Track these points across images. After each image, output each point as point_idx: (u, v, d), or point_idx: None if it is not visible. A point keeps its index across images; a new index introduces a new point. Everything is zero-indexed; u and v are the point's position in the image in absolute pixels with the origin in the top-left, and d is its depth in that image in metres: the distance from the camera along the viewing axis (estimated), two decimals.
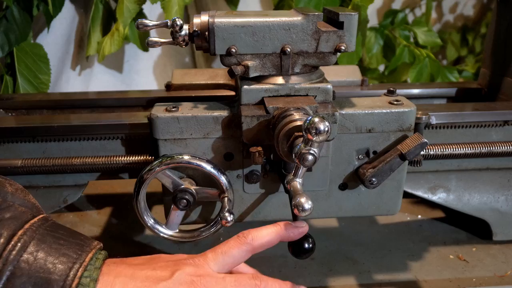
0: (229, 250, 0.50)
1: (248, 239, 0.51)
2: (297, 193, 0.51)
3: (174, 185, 0.64)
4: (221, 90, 0.89)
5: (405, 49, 1.43)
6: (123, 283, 0.44)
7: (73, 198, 0.76)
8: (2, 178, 0.50)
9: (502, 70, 0.89)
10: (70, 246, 0.43)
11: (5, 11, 1.13)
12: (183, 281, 0.45)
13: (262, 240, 0.52)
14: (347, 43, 0.61)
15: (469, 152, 0.74)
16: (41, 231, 0.43)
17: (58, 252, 0.42)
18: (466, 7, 1.68)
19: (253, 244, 0.51)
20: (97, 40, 1.27)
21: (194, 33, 0.61)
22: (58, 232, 0.44)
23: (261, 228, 0.53)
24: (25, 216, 0.44)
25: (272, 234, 0.52)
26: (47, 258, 0.41)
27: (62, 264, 0.41)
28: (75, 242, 0.44)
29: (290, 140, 0.56)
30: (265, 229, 0.52)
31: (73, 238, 0.45)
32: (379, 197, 0.70)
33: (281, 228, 0.53)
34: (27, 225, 0.43)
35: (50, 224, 0.45)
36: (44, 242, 0.42)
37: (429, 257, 0.80)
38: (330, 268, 0.77)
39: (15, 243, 0.41)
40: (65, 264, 0.42)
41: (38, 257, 0.41)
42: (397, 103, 0.66)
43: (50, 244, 0.42)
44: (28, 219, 0.44)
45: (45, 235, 0.43)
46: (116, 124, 0.71)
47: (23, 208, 0.45)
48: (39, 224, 0.44)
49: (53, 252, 0.42)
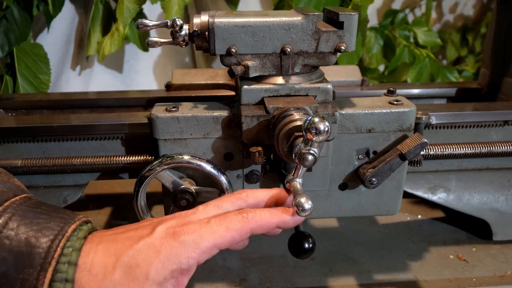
0: (222, 203, 0.49)
1: (243, 195, 0.50)
2: (297, 193, 0.51)
3: (174, 185, 0.64)
4: (221, 90, 0.89)
5: (405, 49, 1.43)
6: (105, 248, 0.43)
7: (73, 198, 0.76)
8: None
9: (502, 70, 0.89)
10: (52, 219, 0.43)
11: (5, 11, 1.13)
12: (164, 234, 0.44)
13: (258, 199, 0.51)
14: (347, 43, 0.61)
15: (469, 152, 0.74)
16: (23, 208, 0.43)
17: (40, 226, 0.41)
18: (466, 7, 1.68)
19: (247, 200, 0.50)
20: (97, 40, 1.27)
21: (194, 33, 0.61)
22: (40, 208, 0.44)
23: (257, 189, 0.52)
24: (6, 195, 0.43)
25: (266, 195, 0.51)
26: (28, 233, 0.41)
27: (44, 237, 0.41)
28: (58, 216, 0.43)
29: (290, 140, 0.56)
30: (261, 190, 0.52)
31: (56, 213, 0.44)
32: (379, 197, 0.70)
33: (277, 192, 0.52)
34: (7, 203, 0.42)
35: (33, 202, 0.44)
36: (26, 218, 0.42)
37: (429, 257, 0.80)
38: (330, 268, 0.77)
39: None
40: (47, 237, 0.41)
41: (19, 232, 0.40)
42: (397, 103, 0.66)
43: (31, 219, 0.42)
44: (9, 197, 0.43)
45: (26, 211, 0.42)
46: (116, 124, 0.71)
47: (4, 188, 0.45)
48: (21, 202, 0.43)
49: (35, 227, 0.41)
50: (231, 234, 0.45)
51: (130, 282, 0.42)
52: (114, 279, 0.41)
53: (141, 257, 0.42)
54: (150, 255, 0.43)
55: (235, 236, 0.46)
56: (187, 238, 0.44)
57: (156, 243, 0.43)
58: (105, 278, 0.41)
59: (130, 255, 0.42)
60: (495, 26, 0.92)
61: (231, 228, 0.45)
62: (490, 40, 0.93)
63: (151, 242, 0.43)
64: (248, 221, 0.46)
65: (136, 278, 0.42)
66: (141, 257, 0.42)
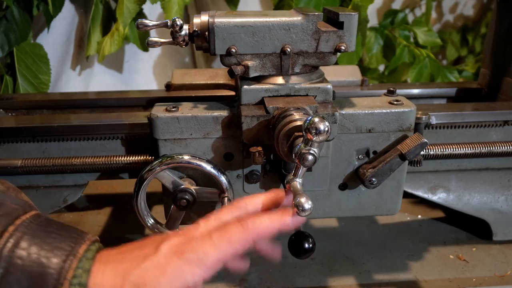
0: (222, 216, 0.49)
1: (242, 204, 0.50)
2: (297, 193, 0.51)
3: (174, 185, 0.64)
4: (221, 90, 0.89)
5: (405, 49, 1.43)
6: (113, 268, 0.43)
7: (73, 198, 0.76)
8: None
9: (502, 70, 0.89)
10: (63, 239, 0.43)
11: (5, 11, 1.13)
12: (169, 252, 0.44)
13: (256, 205, 0.51)
14: (347, 43, 0.61)
15: (469, 152, 0.74)
16: (33, 227, 0.43)
17: (51, 246, 0.42)
18: (466, 7, 1.68)
19: (247, 208, 0.50)
20: (97, 40, 1.27)
21: (194, 33, 0.61)
22: (50, 227, 0.44)
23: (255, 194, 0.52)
24: (16, 213, 0.44)
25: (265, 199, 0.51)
26: (40, 253, 0.41)
27: (56, 257, 0.41)
28: (68, 235, 0.44)
29: (290, 140, 0.56)
30: (259, 195, 0.52)
31: (66, 232, 0.44)
32: (379, 197, 0.70)
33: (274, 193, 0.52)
34: (18, 221, 0.43)
35: (42, 220, 0.45)
36: (37, 237, 0.42)
37: (429, 257, 0.80)
38: (330, 268, 0.77)
39: (7, 239, 0.41)
40: (59, 257, 0.41)
41: (31, 252, 0.41)
42: (397, 103, 0.66)
43: (42, 239, 0.42)
44: (19, 215, 0.43)
45: (37, 230, 0.43)
46: (116, 124, 0.71)
47: (14, 205, 0.45)
48: (31, 220, 0.44)
49: (46, 246, 0.42)
50: (234, 246, 0.45)
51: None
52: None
53: (147, 276, 0.43)
54: (156, 274, 0.43)
55: (237, 248, 0.46)
56: (191, 256, 0.44)
57: (161, 261, 0.44)
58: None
59: (136, 274, 0.43)
60: (495, 26, 0.92)
61: (233, 240, 0.45)
62: (490, 40, 0.93)
63: (156, 261, 0.44)
64: (249, 231, 0.46)
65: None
66: (147, 276, 0.43)
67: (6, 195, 0.47)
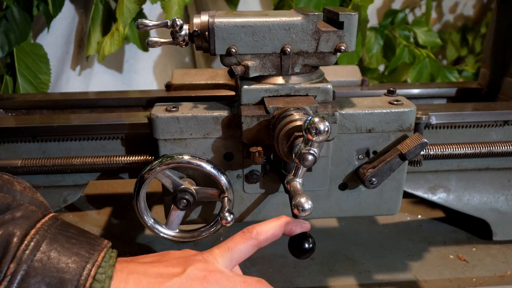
0: (235, 246, 0.51)
1: (253, 234, 0.52)
2: (297, 193, 0.51)
3: (174, 185, 0.64)
4: (221, 90, 0.89)
5: (405, 49, 1.43)
6: (137, 279, 0.44)
7: (73, 198, 0.76)
8: (10, 176, 0.49)
9: (502, 70, 0.89)
10: (81, 245, 0.44)
11: (5, 11, 1.13)
12: (195, 277, 0.46)
13: (267, 234, 0.52)
14: (347, 43, 0.61)
15: (469, 152, 0.74)
16: (53, 230, 0.43)
17: (70, 251, 0.42)
18: (466, 7, 1.68)
19: (258, 238, 0.52)
20: (97, 40, 1.27)
21: (194, 33, 0.61)
22: (68, 231, 0.45)
23: (265, 222, 0.53)
24: (36, 215, 0.44)
25: (275, 228, 0.53)
26: (60, 258, 0.41)
27: (75, 263, 0.42)
28: (86, 241, 0.44)
29: (290, 140, 0.56)
30: (269, 223, 0.53)
31: (84, 237, 0.45)
32: (379, 197, 0.70)
33: (284, 221, 0.53)
34: (38, 224, 0.43)
35: (60, 223, 0.45)
36: (56, 242, 0.42)
37: (429, 257, 0.80)
38: (330, 268, 0.77)
39: (28, 242, 0.41)
40: (78, 264, 0.42)
41: (51, 257, 0.41)
42: (397, 103, 0.66)
43: (62, 244, 0.43)
44: (39, 218, 0.44)
45: (56, 234, 0.43)
46: (116, 124, 0.71)
47: (33, 207, 0.45)
48: (50, 223, 0.44)
49: (66, 252, 0.42)
50: None
51: None
52: None
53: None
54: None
55: None
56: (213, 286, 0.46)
57: (186, 285, 0.45)
58: None
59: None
60: (495, 26, 0.92)
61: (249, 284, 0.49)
62: (490, 40, 0.93)
63: (181, 283, 0.45)
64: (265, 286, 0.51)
65: None
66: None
67: (23, 195, 0.47)
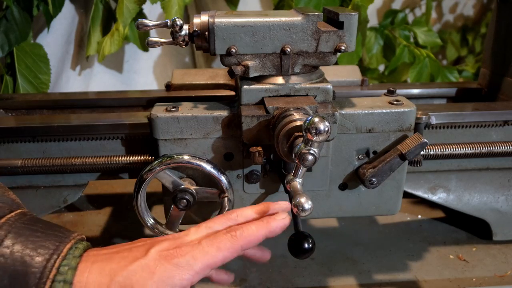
0: (213, 225, 0.50)
1: (233, 216, 0.51)
2: (297, 193, 0.51)
3: (174, 185, 0.64)
4: (221, 90, 0.89)
5: (405, 49, 1.43)
6: (100, 267, 0.43)
7: (73, 198, 0.76)
8: None
9: (502, 70, 0.89)
10: (48, 238, 0.43)
11: (5, 11, 1.13)
12: (158, 256, 0.45)
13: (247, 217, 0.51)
14: (347, 43, 0.61)
15: (469, 152, 0.74)
16: (18, 225, 0.43)
17: (35, 244, 0.42)
18: (466, 7, 1.68)
19: (237, 220, 0.51)
20: (97, 40, 1.27)
21: (194, 33, 0.61)
22: (36, 225, 0.44)
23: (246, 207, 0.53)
24: (2, 211, 0.43)
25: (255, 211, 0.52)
26: (24, 251, 0.41)
27: (40, 256, 0.41)
28: (53, 234, 0.44)
29: (290, 140, 0.56)
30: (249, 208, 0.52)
31: (52, 231, 0.44)
32: (379, 197, 0.70)
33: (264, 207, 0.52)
34: (3, 219, 0.42)
35: (28, 218, 0.45)
36: (21, 236, 0.42)
37: (429, 257, 0.80)
38: (330, 268, 0.77)
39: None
40: (43, 256, 0.41)
41: (14, 251, 0.41)
42: (397, 103, 0.66)
43: (27, 237, 0.42)
44: (4, 214, 0.43)
45: (22, 228, 0.43)
46: (116, 124, 0.71)
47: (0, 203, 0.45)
48: (16, 218, 0.43)
49: (31, 245, 0.41)
50: (223, 253, 0.46)
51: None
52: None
53: (135, 278, 0.43)
54: (144, 276, 0.43)
55: (226, 255, 0.47)
56: (180, 261, 0.44)
57: (150, 264, 0.44)
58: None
59: (124, 275, 0.43)
60: (495, 26, 0.92)
61: (222, 248, 0.46)
62: (490, 40, 0.93)
63: (145, 264, 0.44)
64: (237, 239, 0.47)
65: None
66: (135, 278, 0.43)
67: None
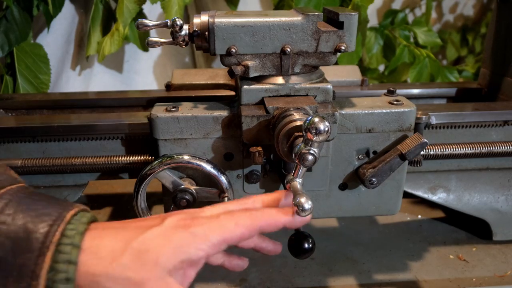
0: (229, 206, 0.50)
1: (250, 201, 0.51)
2: (297, 193, 0.51)
3: (174, 185, 0.64)
4: (221, 90, 0.89)
5: (405, 49, 1.43)
6: (113, 234, 0.42)
7: (73, 198, 0.76)
8: None
9: (502, 70, 0.89)
10: (50, 206, 0.42)
11: (5, 11, 1.13)
12: (174, 225, 0.44)
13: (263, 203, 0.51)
14: (347, 43, 0.61)
15: (469, 152, 0.74)
16: (20, 195, 0.42)
17: (38, 212, 0.41)
18: (466, 7, 1.68)
19: (254, 205, 0.50)
20: (97, 40, 1.27)
21: (194, 33, 0.61)
22: (38, 196, 0.43)
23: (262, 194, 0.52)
24: (1, 184, 0.43)
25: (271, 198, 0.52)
26: (26, 218, 0.40)
27: (42, 222, 0.40)
28: (56, 203, 0.43)
29: (290, 140, 0.56)
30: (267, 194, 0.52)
31: (55, 201, 0.43)
32: (379, 197, 0.70)
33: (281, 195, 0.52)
34: (3, 190, 0.42)
35: (30, 191, 0.44)
36: (23, 204, 0.41)
37: (429, 257, 0.80)
38: (330, 268, 0.77)
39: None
40: (45, 222, 0.40)
41: (16, 218, 0.40)
42: (397, 103, 0.66)
43: (28, 205, 0.41)
44: (4, 186, 0.43)
45: (23, 198, 0.42)
46: (116, 124, 0.71)
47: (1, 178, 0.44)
48: (17, 190, 0.43)
49: (33, 213, 0.41)
50: (241, 229, 0.45)
51: (139, 267, 0.41)
52: (122, 262, 0.41)
53: (151, 243, 0.42)
54: (161, 242, 0.42)
55: (244, 232, 0.45)
56: (197, 230, 0.43)
57: (167, 231, 0.43)
58: (113, 261, 0.41)
59: (140, 240, 0.42)
60: (495, 26, 0.92)
61: (241, 224, 0.45)
62: (490, 40, 0.93)
63: (161, 231, 0.43)
64: (257, 218, 0.46)
65: (146, 263, 0.41)
66: (151, 243, 0.42)
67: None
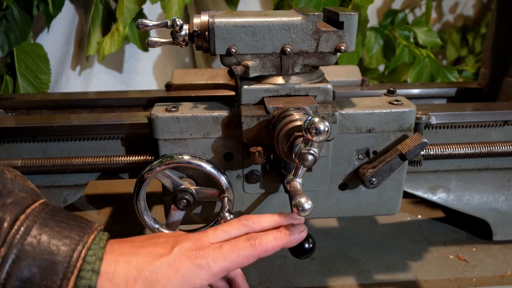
0: (230, 230, 0.52)
1: (249, 222, 0.52)
2: (297, 193, 0.51)
3: (174, 185, 0.64)
4: (221, 90, 0.89)
5: (405, 49, 1.43)
6: (126, 260, 0.45)
7: (73, 198, 0.76)
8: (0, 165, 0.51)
9: (502, 70, 0.89)
10: (72, 228, 0.45)
11: (5, 11, 1.13)
12: (182, 255, 0.47)
13: (263, 225, 0.53)
14: (347, 43, 0.61)
15: (469, 152, 0.74)
16: (43, 215, 0.44)
17: (61, 234, 0.43)
18: (466, 7, 1.68)
19: (253, 227, 0.52)
20: (97, 40, 1.27)
21: (194, 33, 0.61)
22: (59, 216, 0.46)
23: (263, 215, 0.54)
24: (26, 202, 0.45)
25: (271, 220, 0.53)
26: (50, 241, 0.43)
27: (65, 246, 0.43)
28: (76, 225, 0.45)
29: (290, 140, 0.56)
30: (267, 217, 0.53)
31: (74, 221, 0.46)
32: (379, 197, 0.70)
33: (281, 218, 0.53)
34: (28, 210, 0.44)
35: (50, 208, 0.46)
36: (47, 226, 0.43)
37: (429, 257, 0.80)
38: (330, 268, 0.77)
39: (18, 227, 0.42)
40: (68, 246, 0.43)
41: (41, 240, 0.42)
42: (397, 103, 0.66)
43: (52, 227, 0.44)
44: (29, 204, 0.45)
45: (46, 219, 0.44)
46: (116, 124, 0.71)
47: (23, 194, 0.46)
48: (40, 209, 0.45)
49: (56, 235, 0.43)
50: (241, 260, 0.49)
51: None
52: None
53: (161, 273, 0.45)
54: (169, 273, 0.46)
55: (243, 262, 0.49)
56: (202, 262, 0.47)
57: (175, 262, 0.47)
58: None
59: (151, 270, 0.45)
60: (495, 26, 0.92)
61: (241, 255, 0.49)
62: (490, 40, 0.93)
63: (170, 261, 0.47)
64: (256, 248, 0.50)
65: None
66: (161, 273, 0.45)
67: (14, 183, 0.49)
